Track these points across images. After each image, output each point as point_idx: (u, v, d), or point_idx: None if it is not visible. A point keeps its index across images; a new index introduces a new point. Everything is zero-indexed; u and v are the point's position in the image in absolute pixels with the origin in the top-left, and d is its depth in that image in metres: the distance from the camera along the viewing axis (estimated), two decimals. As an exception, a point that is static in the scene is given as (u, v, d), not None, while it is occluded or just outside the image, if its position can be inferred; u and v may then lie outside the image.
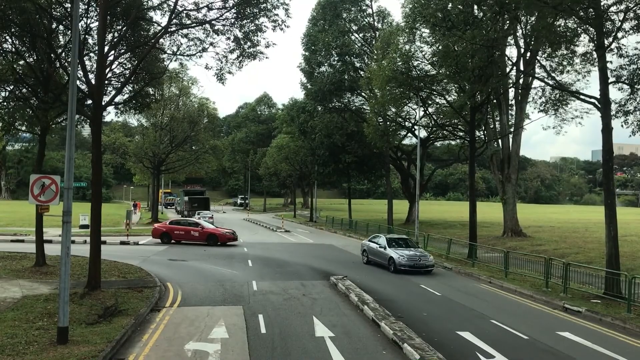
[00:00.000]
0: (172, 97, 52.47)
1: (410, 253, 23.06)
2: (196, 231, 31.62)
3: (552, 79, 24.00)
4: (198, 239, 31.46)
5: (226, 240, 31.94)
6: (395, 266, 22.60)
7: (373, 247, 25.00)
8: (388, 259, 23.29)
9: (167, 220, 36.82)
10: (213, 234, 31.82)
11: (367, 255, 25.52)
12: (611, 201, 18.10)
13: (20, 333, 11.38)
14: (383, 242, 24.46)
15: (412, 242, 25.23)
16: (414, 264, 22.44)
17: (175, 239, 31.80)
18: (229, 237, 32.21)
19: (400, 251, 23.25)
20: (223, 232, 32.35)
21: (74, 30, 12.00)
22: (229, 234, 32.43)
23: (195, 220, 34.01)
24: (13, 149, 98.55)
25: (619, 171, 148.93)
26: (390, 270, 22.75)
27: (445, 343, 12.13)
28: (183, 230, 31.92)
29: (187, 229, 32.04)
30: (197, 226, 32.32)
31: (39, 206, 17.57)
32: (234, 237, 32.66)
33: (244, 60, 18.95)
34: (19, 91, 20.28)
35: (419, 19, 28.89)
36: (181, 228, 32.19)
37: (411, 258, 22.62)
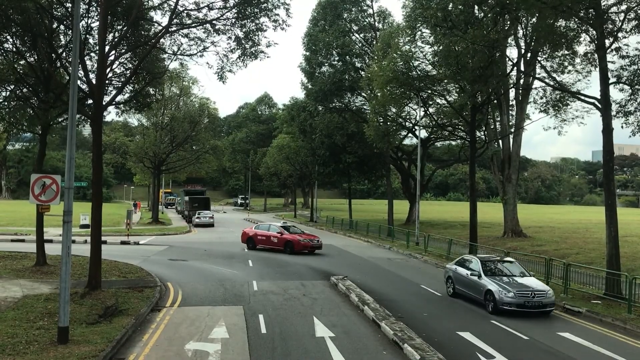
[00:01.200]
0: (173, 97, 52.49)
1: (520, 284, 15.97)
2: (275, 237, 29.10)
3: (552, 79, 24.02)
4: (277, 244, 28.86)
5: (302, 248, 28.19)
6: (495, 304, 15.39)
7: (462, 275, 17.64)
8: (484, 292, 16.02)
9: (254, 225, 34.38)
10: (289, 241, 28.44)
11: (452, 285, 18.16)
12: (612, 202, 18.09)
13: (20, 333, 11.39)
14: (476, 266, 17.20)
15: (519, 267, 17.70)
16: (524, 302, 15.13)
17: (257, 244, 29.82)
18: (304, 245, 28.34)
19: (503, 282, 16.08)
20: (298, 240, 28.61)
21: (74, 30, 12.01)
22: (306, 242, 28.63)
23: (278, 226, 31.03)
24: (14, 148, 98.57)
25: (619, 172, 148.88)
26: (488, 310, 15.62)
27: (445, 343, 12.13)
28: (265, 236, 29.65)
29: (269, 234, 29.53)
30: (278, 233, 29.57)
31: (39, 206, 17.59)
32: (312, 245, 28.75)
33: (246, 59, 18.96)
34: (19, 91, 20.30)
35: (419, 19, 28.88)
36: (263, 234, 29.87)
37: (521, 293, 15.32)
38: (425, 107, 38.85)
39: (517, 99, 34.75)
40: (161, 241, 34.29)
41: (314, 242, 29.02)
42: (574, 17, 18.91)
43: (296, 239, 28.61)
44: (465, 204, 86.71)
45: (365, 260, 27.47)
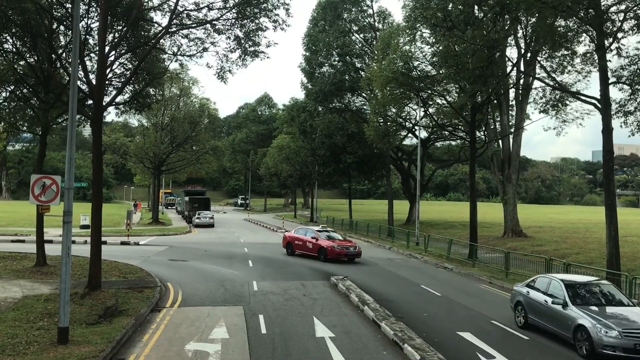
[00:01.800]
0: (173, 98, 52.50)
1: (624, 317, 11.73)
2: (310, 242, 26.93)
3: (552, 79, 24.04)
4: (311, 250, 26.73)
5: (335, 255, 25.42)
6: (591, 345, 11.27)
7: (537, 301, 13.49)
8: (574, 328, 11.90)
9: (295, 229, 31.78)
10: (322, 247, 25.97)
11: (524, 313, 13.94)
12: (612, 202, 18.11)
13: (20, 333, 11.39)
14: (559, 291, 12.92)
15: (619, 291, 13.68)
16: (635, 345, 10.97)
17: (295, 249, 27.85)
18: (338, 253, 25.52)
19: (600, 314, 11.85)
20: (332, 246, 25.74)
21: (74, 30, 12.02)
22: (339, 249, 25.67)
23: (314, 231, 27.99)
24: (14, 149, 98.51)
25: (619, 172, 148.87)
26: (581, 352, 11.59)
27: (445, 343, 12.13)
28: (301, 240, 27.60)
29: (305, 239, 27.40)
30: (313, 238, 27.20)
31: (39, 206, 17.59)
32: (348, 253, 25.69)
33: (246, 59, 18.97)
34: (19, 91, 20.30)
35: (419, 19, 28.90)
36: (301, 238, 27.79)
37: (629, 331, 11.13)
38: (425, 107, 38.85)
39: (517, 99, 34.77)
40: (161, 241, 34.29)
41: (350, 250, 25.81)
42: (573, 17, 18.94)
43: (329, 245, 25.72)
44: (465, 204, 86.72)
45: (365, 260, 27.45)
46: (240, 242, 35.69)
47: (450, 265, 25.30)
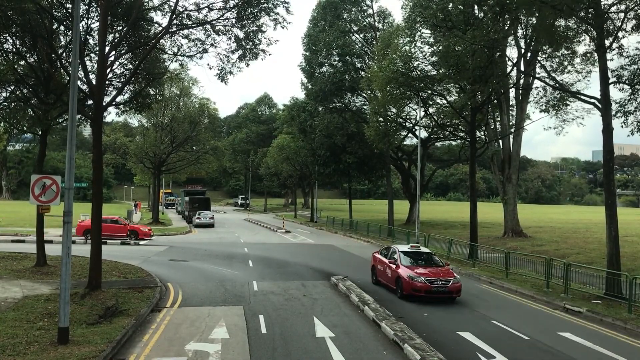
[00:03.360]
0: (173, 98, 52.49)
1: None
2: (390, 269, 18.55)
3: (552, 79, 24.01)
4: (390, 280, 18.54)
5: (411, 291, 17.01)
6: None
7: None
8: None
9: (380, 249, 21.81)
10: (399, 277, 17.52)
11: None
12: (612, 201, 18.09)
13: (21, 333, 11.39)
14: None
15: None
16: None
17: (378, 276, 19.92)
18: (417, 287, 16.90)
19: None
20: (410, 277, 17.13)
21: (74, 30, 12.02)
22: (422, 282, 16.88)
23: (399, 251, 18.80)
24: (14, 149, 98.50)
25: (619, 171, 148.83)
26: None
27: (446, 343, 12.13)
28: (383, 265, 19.40)
29: (385, 263, 19.08)
30: (393, 263, 18.53)
31: (39, 206, 17.58)
32: (435, 289, 16.81)
33: (246, 59, 18.98)
34: (19, 91, 20.30)
35: (419, 19, 28.90)
36: (382, 262, 19.49)
37: None
38: (425, 107, 38.85)
39: (517, 98, 34.76)
40: (161, 241, 34.30)
41: (438, 285, 16.82)
42: (573, 16, 18.92)
43: (408, 275, 17.21)
44: (465, 204, 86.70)
45: (365, 260, 27.41)
46: (241, 242, 35.69)
47: (451, 265, 25.27)
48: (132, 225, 37.44)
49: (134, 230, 35.53)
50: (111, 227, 34.62)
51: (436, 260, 18.86)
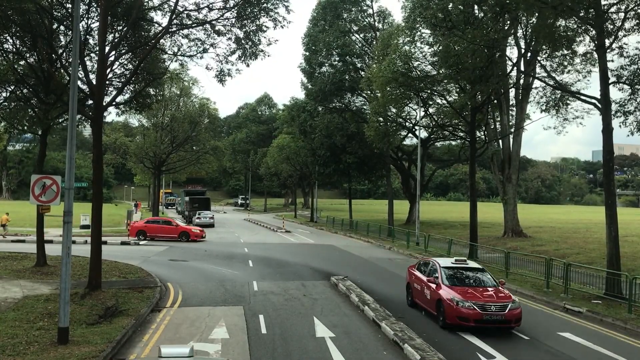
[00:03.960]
0: (173, 98, 52.49)
1: None
2: (429, 288, 14.65)
3: (552, 79, 24.01)
4: (429, 304, 14.66)
5: (455, 320, 13.37)
6: None
7: None
8: None
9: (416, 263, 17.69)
10: (441, 300, 13.75)
11: None
12: (612, 201, 18.08)
13: (21, 333, 11.39)
14: None
15: None
16: None
17: (414, 296, 16.00)
18: (463, 315, 13.25)
19: None
20: (453, 300, 13.46)
21: (74, 30, 12.02)
22: (469, 308, 13.23)
23: (439, 267, 14.94)
24: (14, 149, 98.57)
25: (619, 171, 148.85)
26: None
27: (446, 343, 12.13)
28: (420, 283, 15.45)
29: (423, 282, 15.18)
30: (432, 282, 14.66)
31: (39, 206, 17.60)
32: (486, 317, 13.13)
33: (246, 59, 18.96)
34: (20, 91, 20.31)
35: (419, 19, 28.90)
36: (420, 280, 15.56)
37: None
38: (425, 107, 38.86)
39: (517, 98, 34.76)
40: (161, 241, 34.28)
41: (491, 312, 13.10)
42: (574, 16, 18.92)
43: (450, 297, 13.54)
44: (465, 204, 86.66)
45: (365, 260, 27.46)
46: (241, 242, 35.69)
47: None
48: (184, 226, 36.68)
49: (185, 231, 34.92)
50: (164, 229, 34.86)
51: (488, 278, 14.90)
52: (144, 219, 39.74)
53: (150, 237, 34.36)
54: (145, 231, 34.64)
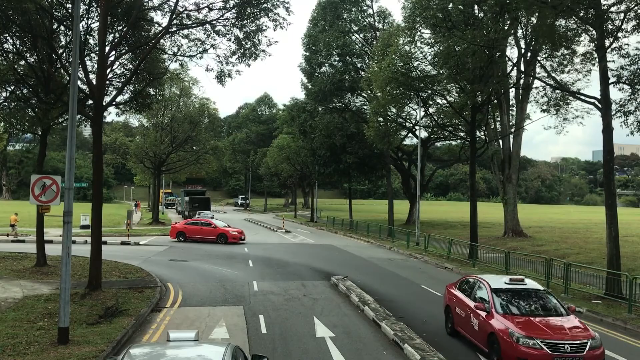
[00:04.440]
0: (173, 98, 52.46)
1: None
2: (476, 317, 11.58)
3: (552, 79, 23.99)
4: (477, 337, 11.59)
5: None
6: None
7: None
8: None
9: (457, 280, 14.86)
10: (494, 333, 10.62)
11: None
12: (612, 202, 18.09)
13: (21, 333, 11.39)
14: None
15: None
16: None
17: (455, 324, 12.95)
18: (522, 356, 9.96)
19: None
20: (513, 336, 10.22)
21: (74, 30, 12.02)
22: (535, 350, 9.92)
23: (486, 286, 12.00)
24: (14, 149, 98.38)
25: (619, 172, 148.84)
26: None
27: (446, 343, 12.13)
28: (464, 308, 12.39)
29: (468, 307, 12.16)
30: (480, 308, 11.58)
31: (39, 206, 17.60)
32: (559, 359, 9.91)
33: (246, 60, 18.97)
34: (19, 91, 20.31)
35: (419, 19, 28.89)
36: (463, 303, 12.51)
37: None
38: (425, 107, 38.85)
39: (517, 98, 34.77)
40: (161, 242, 34.28)
41: (565, 353, 9.87)
42: (573, 16, 18.92)
43: (504, 327, 10.57)
44: (465, 204, 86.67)
45: (365, 260, 27.46)
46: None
47: (451, 265, 25.29)
48: (222, 228, 34.37)
49: (222, 233, 33.36)
50: (203, 230, 33.90)
51: (554, 303, 11.49)
52: (184, 221, 38.35)
53: (190, 238, 33.57)
54: (185, 232, 33.94)
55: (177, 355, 6.29)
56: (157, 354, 6.34)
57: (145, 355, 6.29)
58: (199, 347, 6.64)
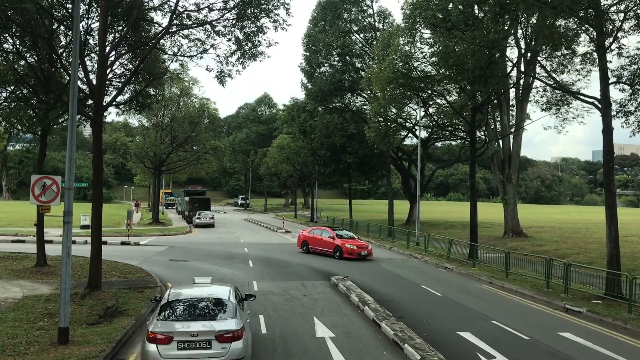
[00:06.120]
0: (173, 98, 52.49)
1: None
2: None
3: (552, 79, 24.00)
4: None
5: None
6: None
7: None
8: None
9: None
10: None
11: None
12: (612, 202, 18.07)
13: (21, 333, 11.39)
14: None
15: None
16: None
17: None
18: None
19: None
20: None
21: (75, 30, 12.02)
22: None
23: None
24: (14, 149, 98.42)
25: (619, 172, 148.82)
26: None
27: (446, 344, 12.13)
28: None
29: None
30: None
31: (40, 206, 17.60)
32: None
33: (246, 61, 18.97)
34: (19, 91, 20.31)
35: (419, 20, 28.88)
36: None
37: None
38: (425, 108, 38.85)
39: (517, 98, 34.77)
40: (161, 242, 34.29)
41: None
42: (573, 17, 18.91)
43: None
44: (465, 204, 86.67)
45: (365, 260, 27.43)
46: (241, 242, 35.69)
47: (451, 265, 25.29)
48: (339, 240, 27.85)
49: (338, 246, 27.43)
50: (323, 241, 28.66)
51: None
52: (309, 228, 32.51)
53: (312, 249, 29.14)
54: (308, 242, 29.58)
55: (202, 289, 10.76)
56: (189, 288, 10.93)
57: (182, 288, 11.05)
58: (213, 286, 11.24)
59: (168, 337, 9.00)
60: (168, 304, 9.86)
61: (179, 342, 9.00)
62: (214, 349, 9.05)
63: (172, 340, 8.98)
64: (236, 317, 9.61)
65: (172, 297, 10.11)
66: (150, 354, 8.94)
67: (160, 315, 9.56)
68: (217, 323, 9.34)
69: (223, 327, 9.22)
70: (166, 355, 8.92)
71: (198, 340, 9.05)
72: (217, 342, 9.06)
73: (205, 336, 9.05)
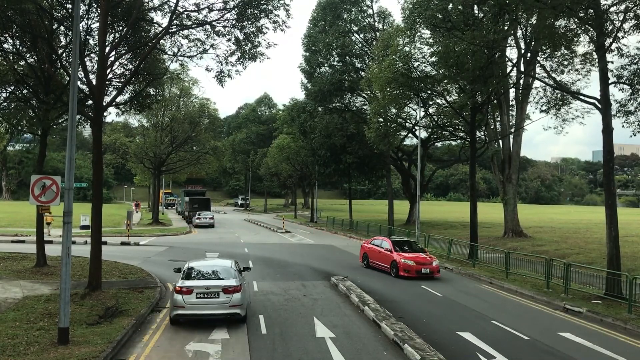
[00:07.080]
0: (173, 98, 52.51)
1: None
2: None
3: (552, 79, 23.99)
4: None
5: None
6: None
7: None
8: None
9: None
10: None
11: None
12: (612, 202, 18.07)
13: (21, 333, 11.40)
14: None
15: None
16: None
17: None
18: None
19: None
20: None
21: (74, 31, 12.02)
22: None
23: None
24: (14, 149, 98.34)
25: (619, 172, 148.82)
26: None
27: (446, 344, 12.12)
28: None
29: None
30: None
31: (39, 207, 17.60)
32: None
33: (245, 61, 18.97)
34: (19, 92, 20.31)
35: (419, 20, 28.89)
36: None
37: None
38: (425, 108, 38.84)
39: (517, 99, 34.76)
40: (161, 242, 34.29)
41: None
42: (573, 17, 18.91)
43: None
44: (465, 204, 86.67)
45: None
46: (241, 242, 35.69)
47: (451, 265, 25.29)
48: (395, 255, 22.52)
49: (394, 261, 22.37)
50: (381, 254, 23.78)
51: None
52: (370, 239, 27.32)
53: (372, 264, 24.54)
54: (368, 255, 25.05)
55: (212, 261, 15.19)
56: (203, 260, 15.32)
57: (198, 260, 15.18)
58: (220, 259, 16.42)
59: (189, 289, 12.91)
60: (190, 269, 13.91)
61: (197, 293, 12.89)
62: (221, 298, 12.93)
63: (192, 292, 12.88)
64: (236, 278, 13.51)
65: (192, 266, 14.18)
66: (178, 301, 12.85)
67: (184, 276, 13.55)
68: (223, 282, 13.26)
69: (227, 283, 13.14)
70: (188, 301, 12.82)
71: (210, 292, 12.94)
72: (223, 293, 12.94)
73: (215, 289, 12.98)
